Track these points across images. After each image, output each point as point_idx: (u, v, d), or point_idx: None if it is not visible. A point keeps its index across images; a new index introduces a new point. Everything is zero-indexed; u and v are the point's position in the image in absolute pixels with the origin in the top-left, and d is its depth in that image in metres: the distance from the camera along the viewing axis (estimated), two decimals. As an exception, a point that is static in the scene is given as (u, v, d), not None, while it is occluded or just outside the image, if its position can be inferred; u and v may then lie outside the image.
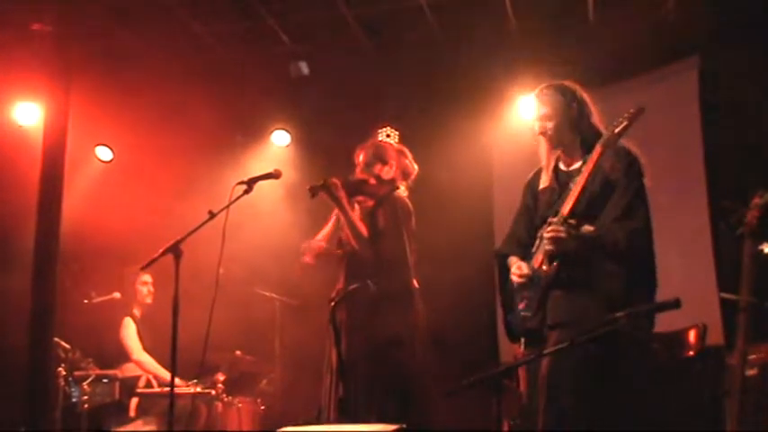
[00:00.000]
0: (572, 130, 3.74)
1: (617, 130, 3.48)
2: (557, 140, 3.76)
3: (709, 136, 6.22)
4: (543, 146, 3.82)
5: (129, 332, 6.41)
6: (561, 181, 3.75)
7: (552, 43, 6.46)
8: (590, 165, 3.51)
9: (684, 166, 6.30)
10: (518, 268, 3.74)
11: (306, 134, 7.69)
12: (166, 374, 6.19)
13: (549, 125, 3.75)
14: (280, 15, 6.67)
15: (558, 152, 3.81)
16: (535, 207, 3.85)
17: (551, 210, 3.66)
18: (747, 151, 5.72)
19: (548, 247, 3.53)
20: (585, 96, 3.79)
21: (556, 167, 3.81)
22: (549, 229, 3.50)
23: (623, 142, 3.61)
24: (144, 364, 6.31)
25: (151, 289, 6.53)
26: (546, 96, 3.79)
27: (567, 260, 3.52)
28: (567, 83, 3.83)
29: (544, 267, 3.60)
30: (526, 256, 3.78)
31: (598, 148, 3.50)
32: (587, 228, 3.53)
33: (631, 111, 3.49)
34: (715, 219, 5.97)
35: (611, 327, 2.85)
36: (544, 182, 3.82)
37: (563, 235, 3.47)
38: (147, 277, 6.48)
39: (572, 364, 3.31)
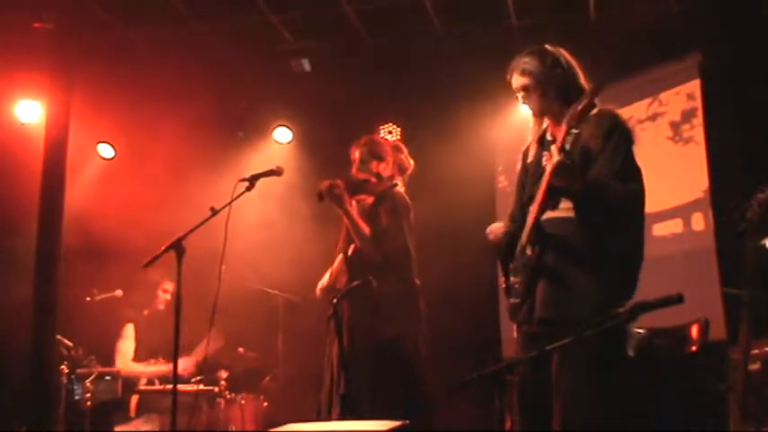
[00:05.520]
0: (558, 98, 3.44)
1: (579, 108, 3.15)
2: (542, 111, 3.51)
3: (711, 131, 6.21)
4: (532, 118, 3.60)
5: (124, 341, 6.36)
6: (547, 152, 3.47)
7: (553, 39, 6.43)
8: (558, 145, 3.19)
9: (687, 161, 6.30)
10: (495, 229, 3.54)
11: (308, 131, 7.69)
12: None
13: (533, 96, 3.49)
14: (281, 12, 6.67)
15: (546, 122, 3.54)
16: (526, 180, 3.62)
17: (536, 186, 3.42)
18: (750, 146, 5.71)
19: (553, 180, 3.20)
20: (569, 57, 3.54)
21: (542, 138, 3.56)
22: (554, 161, 3.15)
23: (610, 106, 3.37)
24: (125, 370, 6.25)
25: (168, 298, 6.49)
26: (526, 65, 3.50)
27: (551, 244, 3.30)
28: (548, 46, 3.57)
29: (527, 252, 3.37)
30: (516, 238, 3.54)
31: (563, 128, 3.21)
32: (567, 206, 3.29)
33: (590, 88, 3.22)
34: (718, 214, 5.96)
35: (613, 322, 2.84)
36: (531, 155, 3.58)
37: (568, 162, 3.14)
38: (169, 285, 6.45)
39: (581, 360, 3.18)
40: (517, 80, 3.54)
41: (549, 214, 3.34)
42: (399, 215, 4.54)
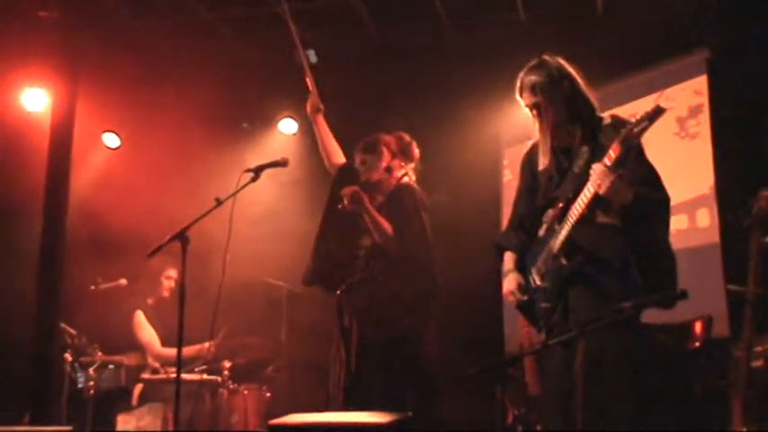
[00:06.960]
0: (567, 110, 3.54)
1: (636, 130, 3.18)
2: (555, 124, 3.56)
3: (717, 127, 6.20)
4: (537, 124, 3.64)
5: (144, 330, 6.34)
6: (560, 162, 3.57)
7: (560, 35, 6.44)
8: (610, 164, 3.23)
9: (693, 157, 6.29)
10: (513, 286, 3.62)
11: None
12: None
13: (548, 113, 3.54)
14: (288, 2, 6.66)
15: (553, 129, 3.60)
16: (536, 187, 3.67)
17: (558, 192, 3.51)
18: (756, 143, 5.70)
19: (610, 197, 3.27)
20: (569, 66, 3.60)
21: (553, 147, 3.61)
22: (611, 179, 3.22)
23: (616, 113, 3.48)
24: (158, 356, 6.26)
25: (172, 285, 6.47)
26: (535, 82, 3.55)
27: (588, 253, 3.38)
28: (548, 58, 3.62)
29: (563, 261, 3.43)
30: (529, 245, 3.64)
31: (617, 147, 3.21)
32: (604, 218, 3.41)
33: (651, 109, 3.20)
34: (722, 210, 5.95)
35: (617, 317, 2.84)
36: (543, 163, 3.63)
37: (615, 180, 3.21)
38: (172, 272, 6.43)
39: (595, 354, 3.17)
40: (529, 99, 3.60)
41: (583, 223, 3.41)
42: (419, 212, 4.53)
